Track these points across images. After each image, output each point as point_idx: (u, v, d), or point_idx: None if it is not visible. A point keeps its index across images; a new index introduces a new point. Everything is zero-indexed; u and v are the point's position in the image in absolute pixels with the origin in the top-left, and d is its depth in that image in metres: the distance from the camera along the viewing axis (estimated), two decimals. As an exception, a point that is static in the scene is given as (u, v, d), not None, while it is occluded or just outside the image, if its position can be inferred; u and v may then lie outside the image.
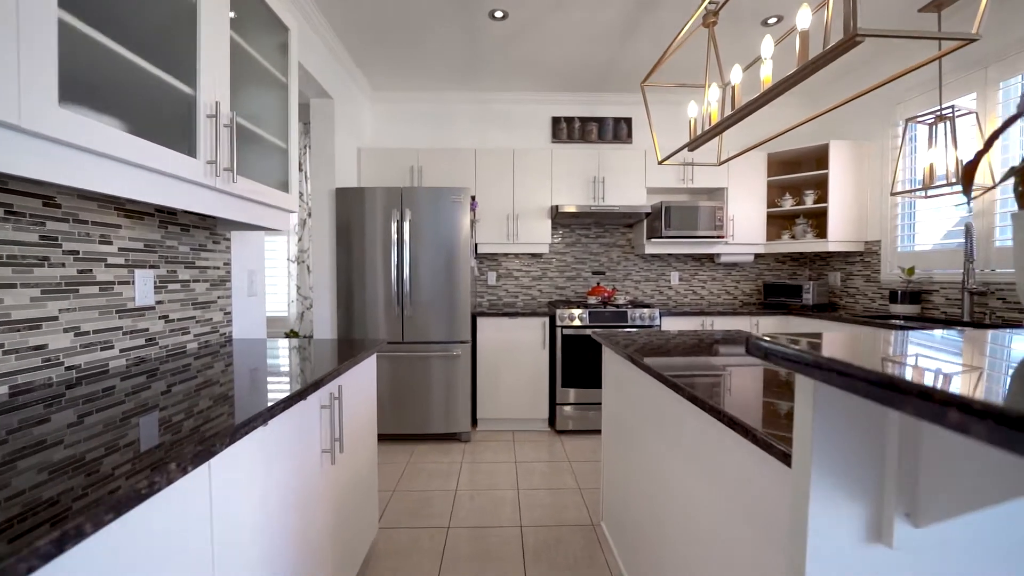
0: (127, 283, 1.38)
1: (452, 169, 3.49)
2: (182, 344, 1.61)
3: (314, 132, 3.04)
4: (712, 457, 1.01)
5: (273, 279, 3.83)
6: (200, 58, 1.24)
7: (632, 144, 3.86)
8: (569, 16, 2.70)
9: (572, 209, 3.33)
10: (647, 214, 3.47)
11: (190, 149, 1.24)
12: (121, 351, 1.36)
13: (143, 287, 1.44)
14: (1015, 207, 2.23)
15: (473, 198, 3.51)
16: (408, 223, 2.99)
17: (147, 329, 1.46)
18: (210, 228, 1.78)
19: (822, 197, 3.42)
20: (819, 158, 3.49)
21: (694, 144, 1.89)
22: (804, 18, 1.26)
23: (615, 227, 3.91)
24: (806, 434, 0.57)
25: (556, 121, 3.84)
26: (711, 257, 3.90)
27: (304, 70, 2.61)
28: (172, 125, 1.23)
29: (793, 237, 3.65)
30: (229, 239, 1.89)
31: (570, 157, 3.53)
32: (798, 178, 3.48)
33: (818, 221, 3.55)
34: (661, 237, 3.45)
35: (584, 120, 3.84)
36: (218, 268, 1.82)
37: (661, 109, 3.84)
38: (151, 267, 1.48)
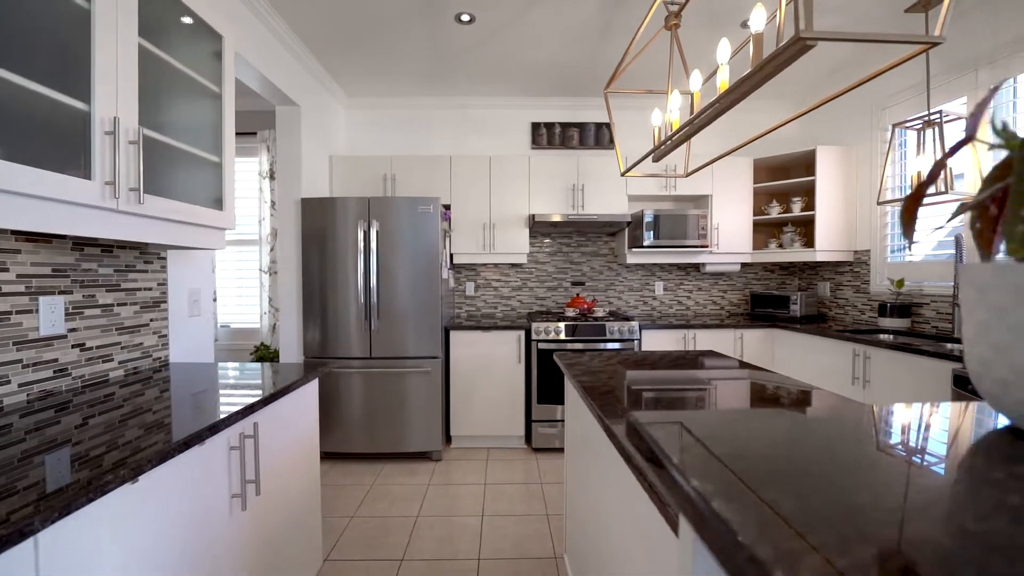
0: (28, 312, 1.28)
1: (427, 177, 3.38)
2: (103, 373, 1.51)
3: (280, 141, 2.95)
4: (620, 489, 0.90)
5: (244, 291, 3.73)
6: (95, 70, 1.14)
7: (614, 150, 3.74)
8: (537, 18, 2.59)
9: (548, 218, 3.21)
10: (628, 223, 3.35)
11: (85, 170, 1.14)
12: (21, 385, 1.25)
13: (49, 315, 1.34)
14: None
15: (448, 207, 3.41)
16: (376, 234, 2.89)
17: (56, 360, 1.35)
18: (140, 248, 1.68)
19: (810, 204, 3.30)
20: (807, 164, 3.37)
21: (657, 154, 1.77)
22: (758, 20, 1.15)
23: (597, 236, 3.79)
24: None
25: (536, 127, 3.73)
26: (697, 266, 3.78)
27: (264, 78, 2.52)
28: (61, 145, 1.13)
29: (780, 246, 3.52)
30: (165, 258, 1.79)
31: (549, 164, 3.42)
32: (785, 185, 3.36)
33: (806, 229, 3.42)
34: (642, 246, 3.33)
35: (565, 126, 3.73)
36: (150, 289, 1.72)
37: (643, 116, 3.72)
38: (61, 293, 1.38)
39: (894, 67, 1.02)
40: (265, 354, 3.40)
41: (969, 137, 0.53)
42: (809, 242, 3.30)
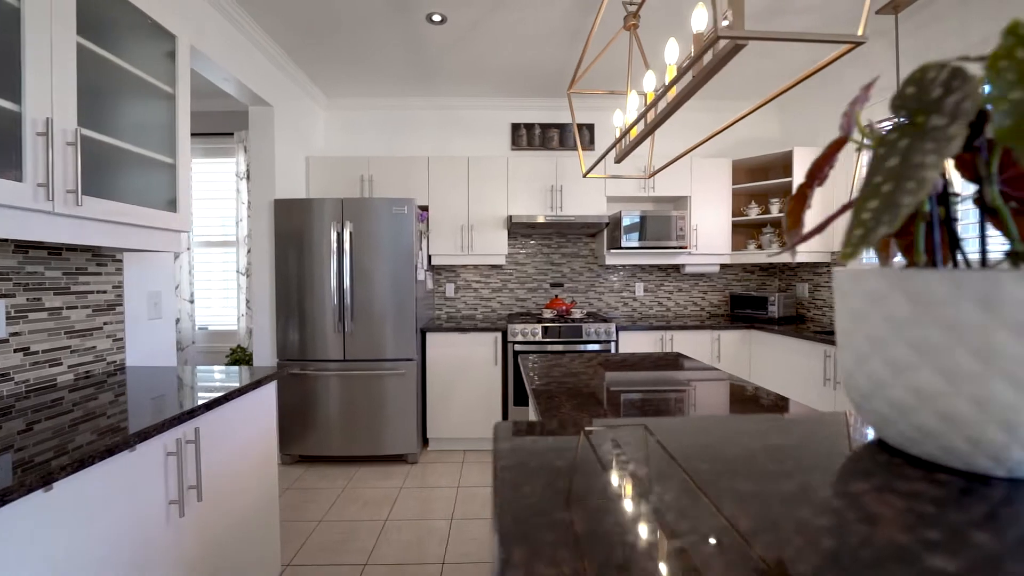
0: (-35, 316, 1.26)
1: (404, 178, 3.37)
2: (50, 377, 1.48)
3: (253, 141, 2.93)
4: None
5: (223, 293, 3.70)
6: (26, 70, 1.12)
7: (595, 151, 3.73)
8: (507, 19, 2.58)
9: (526, 219, 3.20)
10: (606, 224, 3.34)
11: (17, 171, 1.12)
12: (-43, 391, 1.23)
13: (-11, 319, 1.31)
14: (977, 214, 2.08)
15: (425, 208, 3.39)
16: (349, 235, 2.87)
17: (-3, 364, 1.33)
18: (93, 250, 1.65)
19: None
20: (784, 165, 3.37)
21: (618, 155, 1.76)
22: (699, 20, 1.14)
23: (577, 237, 3.78)
24: None
25: (516, 128, 3.72)
26: (677, 267, 3.77)
27: (234, 78, 2.50)
28: (-11, 145, 1.11)
29: (760, 247, 3.52)
30: (121, 260, 1.77)
31: (528, 165, 3.40)
32: (763, 186, 3.36)
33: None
34: (621, 248, 3.32)
35: (545, 127, 3.72)
36: (104, 292, 1.69)
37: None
38: (3, 296, 1.36)
39: (823, 68, 1.01)
40: (241, 357, 3.37)
41: (844, 137, 0.52)
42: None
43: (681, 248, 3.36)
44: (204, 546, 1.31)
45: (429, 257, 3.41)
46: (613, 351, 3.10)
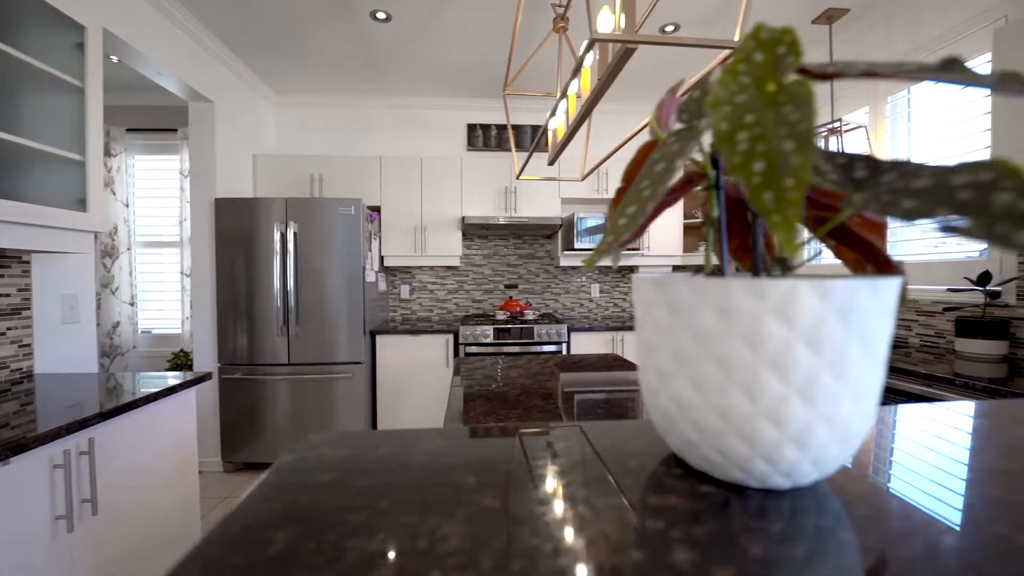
0: None
1: (356, 178, 3.31)
2: (-61, 387, 1.39)
3: (193, 138, 2.82)
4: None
5: (166, 294, 3.56)
6: None
7: (547, 152, 3.74)
8: (455, 17, 2.57)
9: (479, 220, 3.19)
10: (559, 225, 3.36)
11: None
12: None
13: None
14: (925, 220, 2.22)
15: (378, 209, 3.34)
16: (294, 236, 2.80)
17: None
18: (-7, 251, 1.56)
19: (735, 209, 3.37)
20: (732, 169, 3.44)
21: (550, 156, 1.77)
22: (605, 22, 1.15)
23: (534, 238, 3.79)
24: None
25: (472, 128, 3.71)
26: (631, 268, 3.82)
27: (169, 73, 2.41)
28: None
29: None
30: (28, 262, 1.67)
31: (483, 165, 3.39)
32: (712, 189, 3.43)
33: (733, 233, 3.50)
34: (575, 249, 3.35)
35: (501, 127, 3.71)
36: (8, 296, 1.60)
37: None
38: None
39: (707, 73, 1.03)
40: (184, 362, 3.25)
41: (653, 142, 0.53)
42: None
43: (634, 250, 3.41)
44: (100, 561, 1.25)
45: (382, 258, 3.36)
46: (565, 352, 3.12)
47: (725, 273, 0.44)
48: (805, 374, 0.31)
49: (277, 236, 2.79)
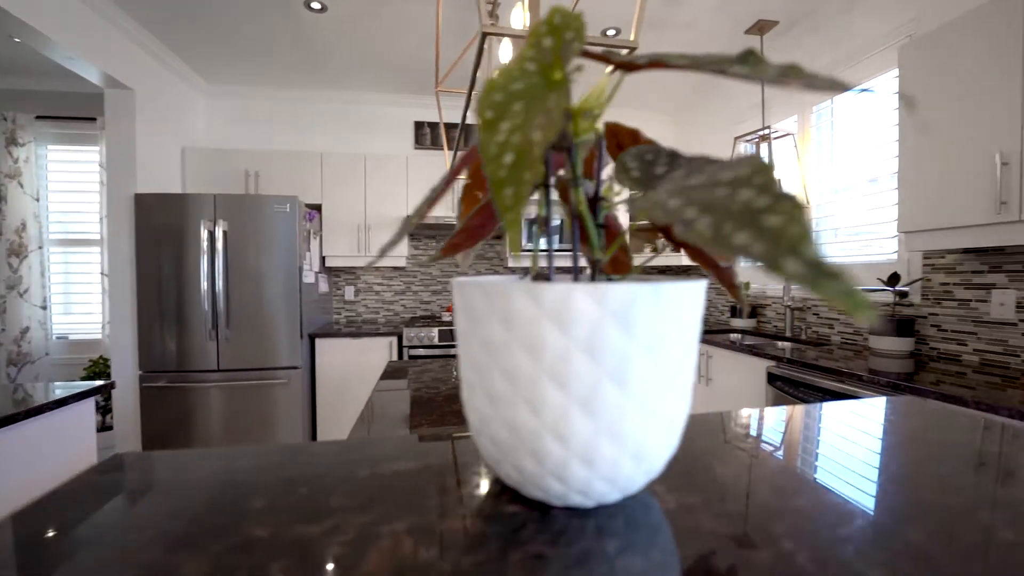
0: None
1: (295, 174, 3.17)
2: None
3: (110, 128, 2.62)
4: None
5: (84, 297, 3.30)
6: None
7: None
8: (392, 10, 2.50)
9: (427, 220, 3.12)
10: (507, 226, 3.34)
11: None
12: None
13: None
14: (837, 224, 2.25)
15: (318, 207, 3.22)
16: (224, 234, 2.64)
17: None
18: None
19: (678, 211, 3.46)
20: (676, 173, 3.53)
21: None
22: (517, 19, 1.13)
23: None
24: None
25: (419, 126, 3.63)
26: (581, 269, 3.85)
27: (78, 56, 2.22)
28: None
29: (655, 250, 3.66)
30: None
31: (430, 164, 3.33)
32: (657, 192, 3.50)
33: (677, 235, 3.59)
34: (524, 250, 3.33)
35: (449, 126, 3.66)
36: None
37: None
38: None
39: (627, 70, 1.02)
40: (102, 369, 3.01)
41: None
42: (679, 246, 3.46)
43: (571, 251, 3.43)
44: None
45: (323, 259, 3.24)
46: (512, 353, 3.10)
47: (551, 278, 0.42)
48: (586, 385, 0.29)
49: (205, 234, 2.63)
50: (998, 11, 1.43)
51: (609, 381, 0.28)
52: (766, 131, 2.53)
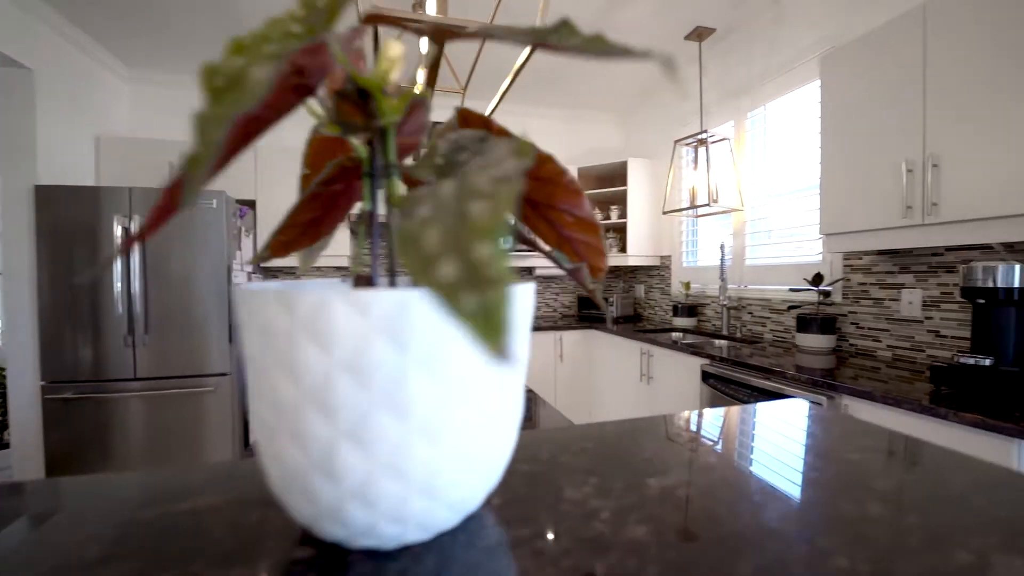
0: None
1: (226, 169, 2.97)
2: None
3: (2, 112, 2.35)
4: None
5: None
6: None
7: (449, 151, 3.65)
8: None
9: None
10: (455, 225, 3.27)
11: None
12: None
13: None
14: (770, 226, 2.30)
15: (252, 204, 3.04)
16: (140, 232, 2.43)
17: None
18: None
19: (624, 212, 3.51)
20: (622, 174, 3.58)
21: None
22: (431, 7, 1.08)
23: (432, 238, 3.67)
24: None
25: (364, 121, 3.50)
26: (530, 270, 3.84)
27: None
28: None
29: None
30: None
31: (373, 161, 3.21)
32: (605, 193, 3.54)
33: (622, 235, 3.64)
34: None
35: (396, 122, 3.55)
36: None
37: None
38: None
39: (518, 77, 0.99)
40: (-1, 379, 2.72)
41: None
42: (624, 247, 3.52)
43: (530, 251, 3.41)
44: None
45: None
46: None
47: (375, 282, 0.38)
48: (354, 413, 0.24)
49: (119, 231, 2.42)
50: (903, 27, 1.51)
51: (383, 408, 0.24)
52: (704, 135, 2.59)
